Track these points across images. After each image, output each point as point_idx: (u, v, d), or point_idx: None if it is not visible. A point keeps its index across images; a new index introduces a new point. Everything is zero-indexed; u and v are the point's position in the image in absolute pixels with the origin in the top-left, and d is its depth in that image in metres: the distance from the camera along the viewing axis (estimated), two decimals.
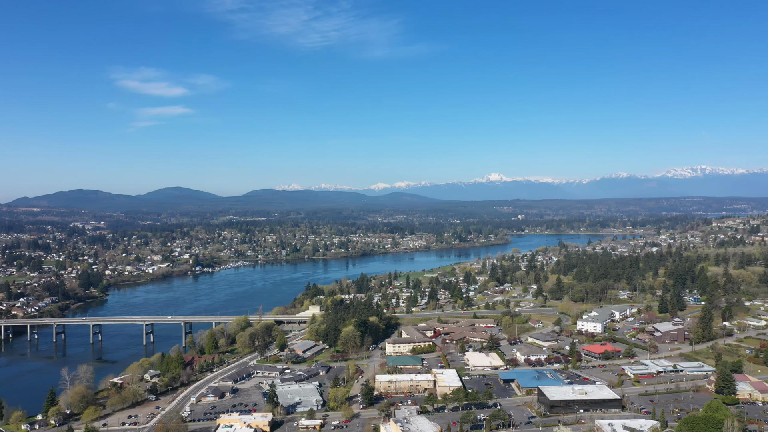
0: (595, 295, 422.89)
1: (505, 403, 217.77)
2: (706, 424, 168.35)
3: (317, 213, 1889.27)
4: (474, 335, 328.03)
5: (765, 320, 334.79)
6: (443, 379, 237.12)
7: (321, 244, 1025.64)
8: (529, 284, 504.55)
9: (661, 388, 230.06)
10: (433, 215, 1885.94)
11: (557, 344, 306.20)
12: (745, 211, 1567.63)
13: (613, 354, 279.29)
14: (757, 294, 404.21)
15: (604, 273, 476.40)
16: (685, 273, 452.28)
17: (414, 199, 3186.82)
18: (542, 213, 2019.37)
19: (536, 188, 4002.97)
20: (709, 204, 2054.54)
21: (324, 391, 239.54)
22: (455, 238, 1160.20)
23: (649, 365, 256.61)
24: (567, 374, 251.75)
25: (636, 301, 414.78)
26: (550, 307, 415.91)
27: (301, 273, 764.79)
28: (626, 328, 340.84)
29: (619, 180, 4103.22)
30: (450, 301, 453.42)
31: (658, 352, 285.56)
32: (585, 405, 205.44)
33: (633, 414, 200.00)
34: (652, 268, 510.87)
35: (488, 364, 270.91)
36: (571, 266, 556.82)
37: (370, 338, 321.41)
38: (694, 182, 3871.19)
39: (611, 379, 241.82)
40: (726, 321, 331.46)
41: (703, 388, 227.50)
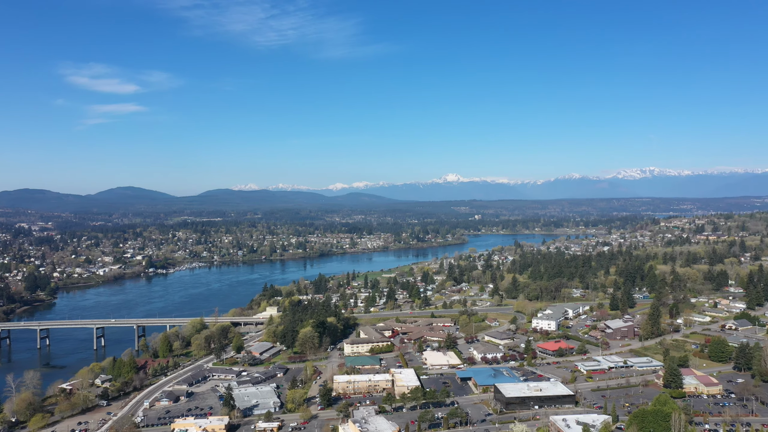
0: (550, 293, 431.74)
1: (463, 401, 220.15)
2: (655, 417, 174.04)
3: (275, 213, 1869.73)
4: (432, 334, 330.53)
5: (709, 316, 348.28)
6: (401, 378, 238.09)
7: (278, 245, 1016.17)
8: (486, 283, 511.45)
9: (613, 383, 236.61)
10: (391, 215, 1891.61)
11: (513, 342, 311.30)
12: (690, 212, 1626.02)
13: (566, 351, 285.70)
14: (701, 291, 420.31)
15: (558, 272, 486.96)
16: (635, 271, 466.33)
17: (372, 199, 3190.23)
18: (498, 213, 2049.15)
19: (492, 189, 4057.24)
20: (657, 204, 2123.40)
21: (282, 393, 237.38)
22: (413, 238, 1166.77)
23: (601, 361, 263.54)
24: (522, 371, 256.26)
25: (588, 299, 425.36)
26: (506, 305, 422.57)
27: (258, 274, 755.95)
28: (579, 325, 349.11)
29: (572, 181, 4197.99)
30: (408, 301, 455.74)
31: (610, 348, 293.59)
32: (540, 401, 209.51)
33: (586, 409, 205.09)
34: (604, 266, 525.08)
35: (446, 362, 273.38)
36: (526, 265, 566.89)
37: (329, 339, 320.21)
38: (643, 183, 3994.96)
39: (565, 375, 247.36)
40: (673, 317, 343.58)
41: (652, 382, 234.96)
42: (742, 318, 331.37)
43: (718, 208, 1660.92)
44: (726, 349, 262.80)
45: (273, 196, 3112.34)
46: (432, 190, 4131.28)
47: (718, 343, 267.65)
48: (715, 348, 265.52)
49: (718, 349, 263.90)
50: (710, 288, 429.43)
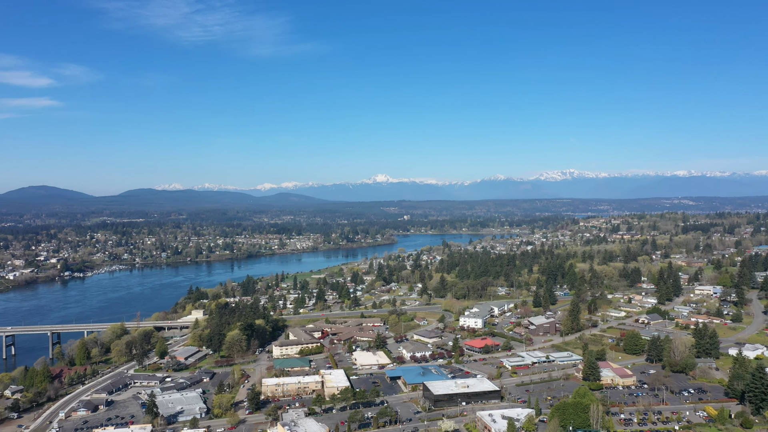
0: (476, 292, 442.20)
1: (392, 400, 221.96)
2: (575, 409, 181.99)
3: (200, 214, 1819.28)
4: (362, 335, 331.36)
5: (624, 312, 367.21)
6: (331, 379, 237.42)
7: (204, 246, 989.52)
8: (415, 283, 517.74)
9: (536, 378, 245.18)
10: (320, 216, 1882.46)
11: (441, 340, 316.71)
12: (607, 212, 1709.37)
13: (492, 348, 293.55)
14: (617, 288, 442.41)
15: (485, 271, 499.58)
16: (557, 269, 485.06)
17: (301, 199, 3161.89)
18: (427, 213, 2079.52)
19: (421, 189, 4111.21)
20: (576, 205, 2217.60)
21: (208, 398, 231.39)
22: (343, 239, 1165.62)
23: (525, 357, 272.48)
24: (450, 369, 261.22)
25: (513, 297, 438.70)
26: (434, 304, 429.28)
27: (183, 276, 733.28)
28: (504, 322, 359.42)
29: (498, 182, 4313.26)
30: (338, 302, 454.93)
31: (533, 344, 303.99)
32: (467, 398, 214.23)
33: (511, 404, 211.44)
34: (528, 265, 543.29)
35: (375, 362, 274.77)
36: (454, 265, 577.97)
37: (257, 341, 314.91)
38: (564, 185, 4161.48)
39: (491, 371, 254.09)
40: (592, 313, 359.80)
41: (573, 375, 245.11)
42: (653, 312, 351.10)
43: (632, 208, 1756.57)
44: (639, 343, 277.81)
45: (199, 197, 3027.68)
46: (361, 190, 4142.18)
47: (632, 336, 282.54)
48: (629, 341, 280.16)
49: (632, 343, 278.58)
50: (625, 284, 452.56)
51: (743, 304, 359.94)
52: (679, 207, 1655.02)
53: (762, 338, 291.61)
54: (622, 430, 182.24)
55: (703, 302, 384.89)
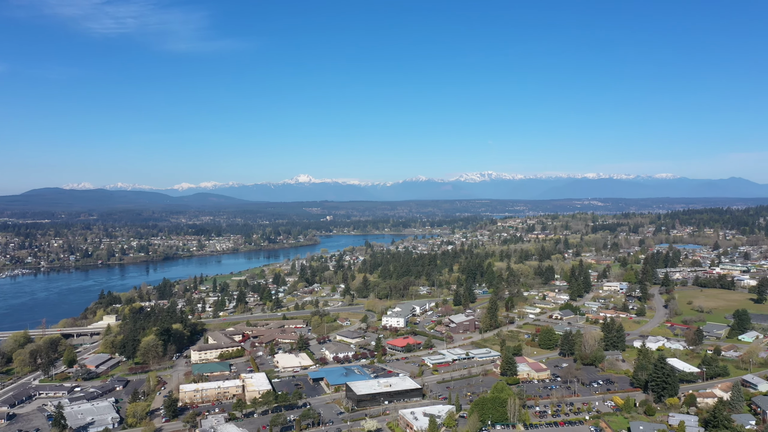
0: (399, 291, 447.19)
1: (315, 401, 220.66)
2: (493, 403, 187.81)
3: (113, 214, 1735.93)
4: (284, 337, 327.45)
5: (539, 308, 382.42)
6: (252, 383, 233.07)
7: (117, 248, 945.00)
8: (338, 283, 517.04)
9: (456, 374, 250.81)
10: (241, 216, 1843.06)
11: (364, 340, 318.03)
12: (523, 212, 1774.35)
13: (414, 346, 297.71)
14: (533, 285, 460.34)
15: (406, 270, 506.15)
16: (476, 268, 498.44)
17: (221, 199, 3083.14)
18: (350, 214, 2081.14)
19: (344, 190, 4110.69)
20: (495, 206, 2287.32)
21: (121, 408, 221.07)
22: (264, 240, 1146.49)
23: (446, 354, 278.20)
24: (373, 368, 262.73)
25: (434, 296, 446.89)
26: (357, 304, 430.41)
27: (94, 280, 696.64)
28: (426, 321, 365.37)
29: (419, 183, 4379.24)
30: (259, 304, 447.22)
31: (454, 341, 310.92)
32: (390, 397, 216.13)
33: (432, 401, 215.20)
34: (448, 264, 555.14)
35: (298, 364, 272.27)
36: (376, 265, 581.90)
37: (174, 347, 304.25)
38: (483, 186, 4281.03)
39: (413, 369, 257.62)
40: (509, 310, 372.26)
41: (491, 371, 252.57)
42: (566, 308, 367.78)
43: (546, 209, 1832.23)
44: (553, 337, 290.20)
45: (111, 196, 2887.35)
46: (283, 190, 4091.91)
47: (546, 332, 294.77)
48: (544, 337, 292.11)
49: (546, 338, 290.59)
50: (540, 282, 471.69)
51: (646, 299, 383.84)
52: (589, 208, 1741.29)
53: (663, 331, 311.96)
54: (537, 422, 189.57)
55: (611, 298, 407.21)
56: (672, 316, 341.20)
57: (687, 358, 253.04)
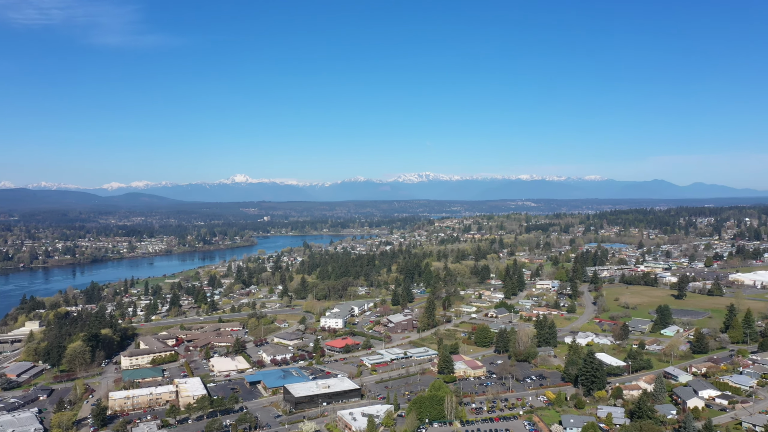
0: (337, 292, 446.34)
1: (252, 405, 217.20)
2: (431, 401, 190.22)
3: (36, 215, 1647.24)
4: (219, 340, 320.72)
5: (475, 307, 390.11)
6: (186, 388, 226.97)
7: (41, 251, 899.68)
8: (275, 285, 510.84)
9: (395, 374, 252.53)
10: (175, 217, 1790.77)
11: (302, 342, 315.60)
12: (460, 213, 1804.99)
13: (353, 347, 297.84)
14: (469, 284, 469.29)
15: (345, 271, 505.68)
16: (414, 268, 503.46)
17: (154, 200, 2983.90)
18: (288, 214, 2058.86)
19: (282, 190, 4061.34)
20: (432, 206, 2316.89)
21: (45, 418, 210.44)
22: (199, 241, 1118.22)
23: (384, 354, 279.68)
24: (312, 370, 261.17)
25: (373, 296, 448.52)
26: (295, 306, 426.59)
27: (15, 285, 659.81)
28: (365, 321, 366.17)
29: (358, 184, 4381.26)
30: (194, 307, 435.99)
31: (392, 341, 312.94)
32: (328, 398, 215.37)
33: (371, 401, 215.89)
34: (386, 264, 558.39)
35: (234, 368, 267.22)
36: (315, 266, 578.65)
37: (103, 353, 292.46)
38: (421, 187, 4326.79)
39: (352, 370, 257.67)
40: (446, 309, 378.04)
41: (429, 370, 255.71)
42: (501, 306, 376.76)
43: (482, 209, 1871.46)
44: (488, 335, 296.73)
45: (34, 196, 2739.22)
46: (219, 190, 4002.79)
47: (482, 330, 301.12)
48: (479, 335, 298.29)
49: (482, 336, 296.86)
50: (476, 281, 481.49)
51: (577, 297, 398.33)
52: (522, 208, 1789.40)
53: (592, 327, 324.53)
54: (473, 418, 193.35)
55: (544, 296, 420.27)
56: (600, 312, 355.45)
57: (614, 352, 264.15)
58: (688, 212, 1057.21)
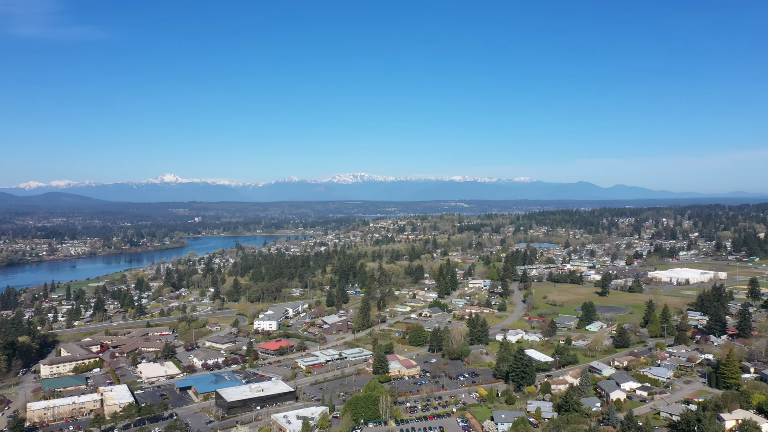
0: (271, 294, 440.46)
1: (182, 411, 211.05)
2: (366, 402, 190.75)
3: None
4: (147, 345, 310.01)
5: (410, 306, 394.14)
6: (112, 396, 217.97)
7: None
8: (207, 288, 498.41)
9: (329, 375, 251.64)
10: (99, 218, 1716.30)
11: (235, 345, 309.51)
12: (394, 213, 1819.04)
13: (287, 349, 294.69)
14: (404, 284, 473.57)
15: (279, 272, 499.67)
16: (348, 269, 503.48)
17: (76, 200, 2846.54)
18: (220, 215, 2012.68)
19: (213, 190, 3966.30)
20: (367, 207, 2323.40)
21: None
22: (126, 243, 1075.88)
23: (319, 356, 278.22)
24: (245, 374, 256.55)
25: (307, 297, 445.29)
26: (228, 309, 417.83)
27: None
28: (299, 323, 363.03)
29: (292, 184, 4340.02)
30: (120, 311, 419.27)
31: (327, 342, 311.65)
32: (262, 402, 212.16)
33: (306, 403, 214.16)
34: (321, 265, 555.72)
35: (164, 374, 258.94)
36: (248, 267, 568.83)
37: (20, 361, 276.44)
38: (355, 187, 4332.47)
39: (286, 373, 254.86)
40: (381, 309, 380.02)
41: (364, 370, 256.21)
42: (434, 306, 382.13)
43: (416, 210, 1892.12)
44: (422, 334, 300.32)
45: None
46: (147, 190, 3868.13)
47: (416, 329, 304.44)
48: (414, 334, 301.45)
49: (416, 335, 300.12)
50: (410, 281, 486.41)
51: (507, 295, 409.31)
52: (455, 209, 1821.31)
53: (522, 324, 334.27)
54: (408, 417, 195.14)
55: (476, 294, 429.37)
56: (530, 310, 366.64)
57: (543, 348, 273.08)
58: (611, 213, 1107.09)
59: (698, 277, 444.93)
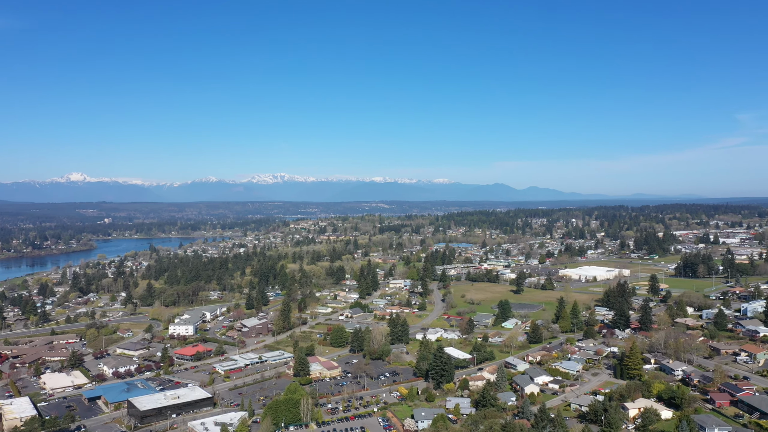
0: (188, 297, 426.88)
1: (91, 423, 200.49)
2: (287, 405, 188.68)
3: None
4: (52, 354, 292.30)
5: (331, 307, 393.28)
6: (12, 410, 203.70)
7: None
8: (118, 292, 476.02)
9: (249, 379, 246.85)
10: None
11: (149, 352, 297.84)
12: (315, 214, 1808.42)
13: (204, 354, 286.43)
14: (325, 285, 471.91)
15: (196, 275, 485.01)
16: (269, 271, 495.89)
17: None
18: (132, 216, 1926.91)
19: (125, 190, 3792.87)
20: (287, 208, 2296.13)
21: None
22: (27, 245, 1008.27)
23: (238, 360, 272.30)
24: (159, 381, 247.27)
25: (226, 300, 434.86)
26: (141, 314, 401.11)
27: None
28: (217, 327, 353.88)
29: (210, 184, 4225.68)
30: (21, 319, 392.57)
31: (246, 346, 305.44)
32: (178, 409, 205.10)
33: (224, 409, 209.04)
34: (240, 267, 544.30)
35: (70, 384, 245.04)
36: (162, 270, 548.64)
37: None
38: (276, 188, 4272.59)
39: (203, 378, 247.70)
40: (302, 311, 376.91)
41: (284, 373, 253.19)
42: (355, 307, 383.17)
43: (337, 211, 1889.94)
44: (344, 335, 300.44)
45: None
46: (52, 190, 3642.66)
47: (337, 330, 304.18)
48: (335, 335, 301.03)
49: (337, 336, 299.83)
50: (331, 282, 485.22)
51: (427, 294, 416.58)
52: (376, 210, 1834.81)
53: (441, 323, 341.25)
54: (329, 419, 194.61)
55: (397, 294, 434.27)
56: (449, 308, 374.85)
57: (461, 346, 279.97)
58: (525, 214, 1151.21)
59: (604, 275, 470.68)
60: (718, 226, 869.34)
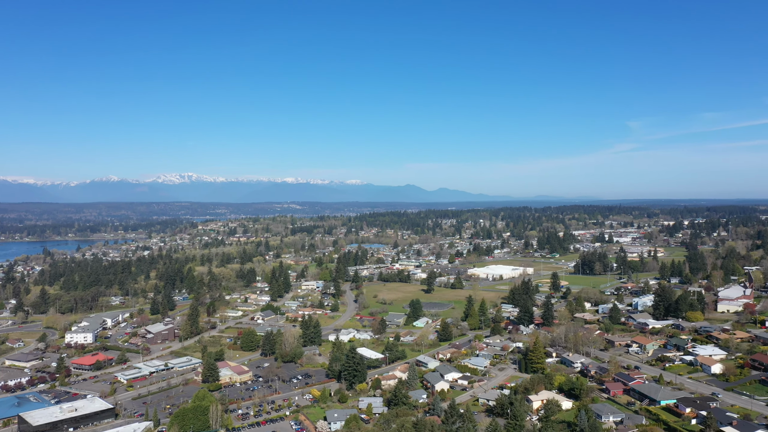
0: (86, 303, 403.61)
1: None
2: (195, 413, 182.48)
3: None
4: None
5: (241, 311, 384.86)
6: None
7: None
8: (7, 299, 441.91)
9: (154, 388, 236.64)
10: None
11: (43, 362, 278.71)
12: (225, 215, 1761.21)
13: (105, 363, 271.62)
14: (235, 288, 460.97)
15: (96, 280, 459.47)
16: (175, 274, 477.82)
17: None
18: (23, 218, 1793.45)
19: (15, 189, 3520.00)
20: (195, 209, 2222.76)
21: None
22: None
23: (142, 368, 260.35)
24: (54, 393, 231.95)
25: (129, 306, 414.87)
26: (33, 322, 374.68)
27: None
28: (119, 334, 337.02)
29: (111, 184, 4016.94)
30: None
31: (151, 353, 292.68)
32: (76, 422, 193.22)
33: (127, 420, 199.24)
34: (144, 271, 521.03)
35: None
36: (58, 275, 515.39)
37: None
38: (183, 188, 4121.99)
39: (104, 389, 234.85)
40: (211, 315, 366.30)
41: (192, 380, 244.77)
42: (267, 309, 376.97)
43: (248, 212, 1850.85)
44: (255, 339, 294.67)
45: None
46: None
47: (248, 334, 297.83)
48: (246, 339, 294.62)
49: (248, 340, 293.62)
50: (242, 285, 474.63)
51: (340, 295, 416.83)
52: (288, 211, 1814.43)
53: (354, 323, 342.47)
54: (240, 425, 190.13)
55: (309, 296, 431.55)
56: (361, 309, 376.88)
57: (374, 346, 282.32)
58: (435, 215, 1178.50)
59: (510, 273, 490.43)
60: (612, 226, 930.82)
